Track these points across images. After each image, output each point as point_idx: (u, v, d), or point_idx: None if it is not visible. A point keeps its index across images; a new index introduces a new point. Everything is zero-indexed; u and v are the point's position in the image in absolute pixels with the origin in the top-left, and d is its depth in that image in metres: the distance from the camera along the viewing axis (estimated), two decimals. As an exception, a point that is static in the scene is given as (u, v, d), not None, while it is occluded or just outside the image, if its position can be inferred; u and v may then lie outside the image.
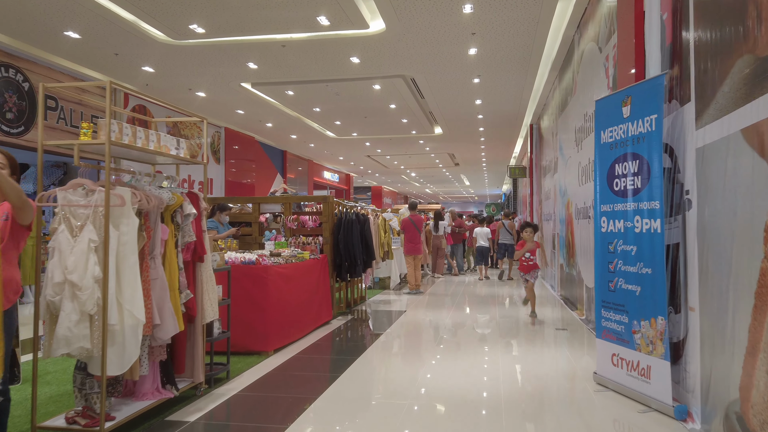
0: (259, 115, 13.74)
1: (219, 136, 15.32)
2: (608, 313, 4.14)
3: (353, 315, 7.75)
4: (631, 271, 3.90)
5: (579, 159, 7.65)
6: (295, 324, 5.79)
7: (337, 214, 7.51)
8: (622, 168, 4.01)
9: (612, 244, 4.12)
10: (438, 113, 13.58)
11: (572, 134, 8.23)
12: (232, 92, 11.30)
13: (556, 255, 10.32)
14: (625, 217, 3.97)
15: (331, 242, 7.28)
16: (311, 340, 6.01)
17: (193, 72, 9.94)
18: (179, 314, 3.62)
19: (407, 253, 10.20)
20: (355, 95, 11.60)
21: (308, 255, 6.58)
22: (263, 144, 17.85)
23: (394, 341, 6.18)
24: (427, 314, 7.93)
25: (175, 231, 3.72)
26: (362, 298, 9.12)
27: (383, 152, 20.49)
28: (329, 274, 7.16)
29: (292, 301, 5.76)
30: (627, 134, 3.97)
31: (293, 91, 11.23)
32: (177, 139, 3.86)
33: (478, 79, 10.35)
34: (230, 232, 7.05)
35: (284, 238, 7.26)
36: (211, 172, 14.91)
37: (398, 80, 10.42)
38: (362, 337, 6.46)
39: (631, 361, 3.87)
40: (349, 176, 28.40)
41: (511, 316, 7.79)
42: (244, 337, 5.20)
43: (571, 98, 8.49)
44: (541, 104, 12.33)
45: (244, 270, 5.28)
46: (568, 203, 8.75)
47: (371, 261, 7.89)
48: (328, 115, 13.87)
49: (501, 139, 17.50)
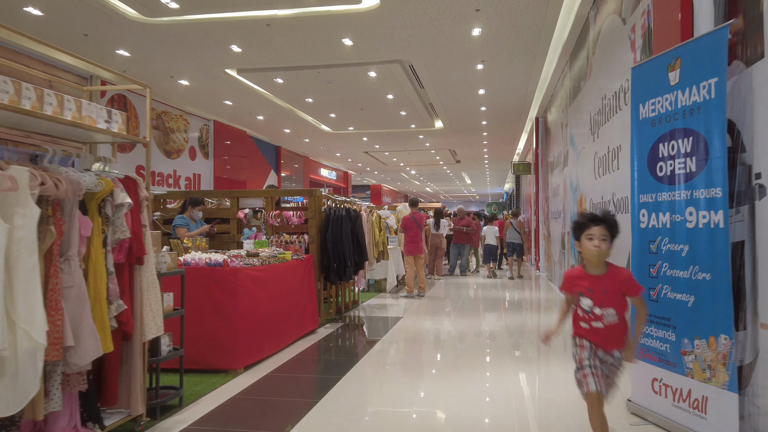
0: (249, 107, 12.94)
1: (207, 129, 14.53)
2: (648, 328, 3.34)
3: (344, 322, 6.96)
4: (680, 277, 3.10)
5: (595, 149, 6.85)
6: (271, 335, 4.99)
7: (325, 209, 6.71)
8: (669, 148, 3.21)
9: (654, 243, 3.31)
10: (438, 105, 12.77)
11: (587, 122, 7.44)
12: (217, 80, 10.50)
13: (566, 255, 9.52)
14: (673, 209, 3.17)
15: (317, 241, 6.48)
16: (292, 353, 5.21)
17: (172, 57, 9.15)
18: (106, 331, 2.82)
19: (408, 254, 9.40)
20: (349, 84, 10.80)
21: (290, 255, 5.79)
22: (256, 139, 17.06)
23: (387, 355, 5.38)
24: (426, 321, 7.13)
25: (103, 225, 2.92)
26: (355, 303, 8.32)
27: (381, 148, 19.69)
28: (315, 276, 6.36)
29: (269, 308, 4.96)
30: (675, 105, 3.17)
31: (282, 78, 10.43)
32: (109, 109, 3.07)
33: (481, 65, 9.55)
34: (203, 229, 6.26)
35: (265, 237, 6.46)
36: (199, 167, 14.12)
37: (395, 66, 9.62)
38: (351, 349, 5.66)
39: (680, 389, 3.07)
40: (348, 174, 27.60)
41: (521, 323, 6.99)
42: (209, 352, 4.40)
43: (584, 83, 7.68)
44: (548, 95, 11.52)
45: (209, 273, 4.49)
46: (581, 199, 7.95)
47: (363, 262, 7.09)
48: (321, 107, 13.06)
49: (504, 134, 16.70)
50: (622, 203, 5.49)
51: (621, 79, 5.54)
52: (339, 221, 6.57)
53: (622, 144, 5.50)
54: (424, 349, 5.72)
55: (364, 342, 5.97)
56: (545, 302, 8.93)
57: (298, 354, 5.21)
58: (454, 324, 6.84)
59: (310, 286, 6.11)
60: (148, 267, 3.17)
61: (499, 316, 7.45)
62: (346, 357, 5.24)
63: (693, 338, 2.99)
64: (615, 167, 5.81)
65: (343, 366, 4.75)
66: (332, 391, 4.04)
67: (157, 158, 12.38)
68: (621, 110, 5.54)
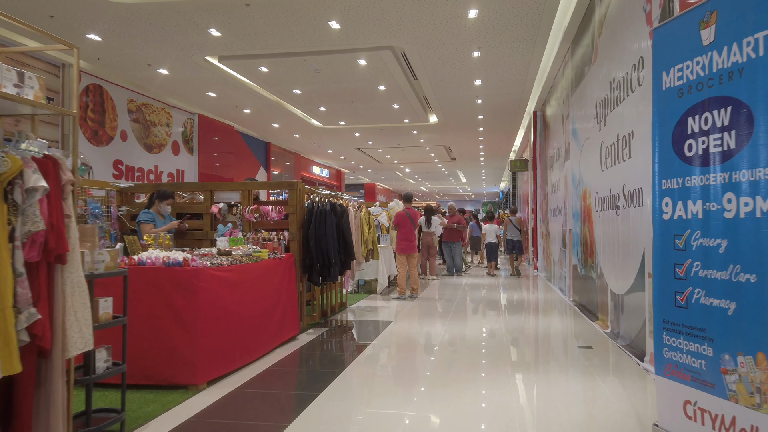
0: (234, 99, 12.37)
1: (192, 123, 13.95)
2: (675, 340, 2.80)
3: (329, 327, 6.40)
4: (717, 278, 2.56)
5: (602, 138, 6.32)
6: (242, 344, 4.43)
7: (308, 204, 6.16)
8: (701, 122, 2.67)
9: (682, 238, 2.77)
10: (433, 97, 12.23)
11: (591, 111, 6.91)
12: (197, 68, 9.93)
13: (567, 254, 9.00)
14: (706, 196, 2.63)
15: (299, 238, 5.92)
16: (266, 363, 4.66)
17: (148, 42, 8.57)
18: (11, 347, 2.27)
19: (401, 252, 8.85)
20: (338, 73, 10.24)
21: (267, 254, 5.23)
22: (244, 134, 16.48)
23: (374, 365, 4.83)
24: (419, 326, 6.58)
25: (9, 215, 2.36)
26: (342, 305, 7.77)
27: (374, 144, 19.14)
28: (296, 277, 5.81)
29: (239, 313, 4.41)
30: (709, 69, 2.63)
31: (267, 67, 9.86)
32: (19, 71, 2.50)
33: (478, 52, 9.01)
34: (171, 225, 5.69)
35: (241, 233, 5.90)
36: (182, 163, 13.53)
37: (386, 53, 9.07)
38: (333, 359, 5.11)
39: (720, 415, 2.53)
40: (340, 172, 27.04)
41: (520, 328, 6.45)
42: (165, 365, 3.85)
43: (589, 68, 7.16)
44: (547, 86, 10.99)
45: (167, 274, 3.93)
46: (585, 193, 7.42)
47: (350, 261, 6.54)
48: (310, 99, 12.50)
49: (501, 129, 16.17)
50: (635, 196, 4.96)
51: (633, 57, 5.01)
52: (322, 217, 6.02)
53: (635, 130, 4.96)
54: (415, 358, 5.17)
55: (349, 350, 5.42)
56: (544, 304, 8.40)
57: (274, 365, 4.65)
58: (449, 329, 6.29)
59: (290, 288, 5.55)
60: (72, 267, 2.61)
61: (496, 321, 6.91)
62: (327, 368, 4.68)
63: (735, 354, 2.45)
64: (626, 156, 5.28)
65: (323, 379, 4.20)
66: (308, 410, 3.49)
67: (137, 153, 11.80)
68: (634, 92, 5.01)
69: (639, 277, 4.90)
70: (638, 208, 4.87)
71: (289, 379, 4.37)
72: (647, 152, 4.58)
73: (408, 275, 9.07)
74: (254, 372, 4.37)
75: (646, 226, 4.63)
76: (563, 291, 9.29)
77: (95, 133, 10.58)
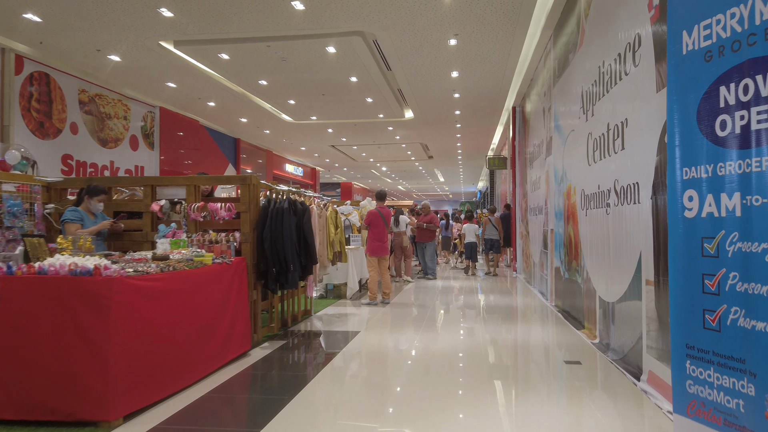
0: (196, 90, 11.55)
1: (152, 116, 13.07)
2: (704, 371, 2.20)
3: (288, 339, 5.71)
4: (763, 294, 1.96)
5: (589, 129, 5.76)
6: (172, 368, 3.72)
7: (263, 202, 5.45)
8: (739, 91, 2.07)
9: (712, 242, 2.17)
10: (408, 90, 11.61)
11: (577, 100, 6.35)
12: (152, 55, 9.12)
13: (549, 256, 8.46)
14: (748, 187, 2.03)
15: (252, 240, 5.22)
16: (205, 388, 3.95)
17: (93, 24, 7.75)
18: None
19: (372, 254, 8.18)
20: (306, 62, 9.53)
21: (211, 259, 4.52)
22: (211, 130, 15.63)
23: (332, 387, 4.17)
24: (389, 337, 5.93)
25: None
26: (306, 313, 7.08)
27: (349, 141, 18.45)
28: (249, 284, 5.10)
29: (169, 331, 3.69)
30: (750, 22, 2.03)
31: (228, 53, 9.10)
32: None
33: (454, 39, 8.41)
34: (102, 225, 4.94)
35: (186, 234, 5.17)
36: (142, 159, 12.66)
37: (356, 40, 8.40)
38: (286, 380, 4.41)
39: (766, 473, 1.93)
40: (315, 170, 26.27)
41: (502, 339, 5.85)
42: (70, 397, 3.11)
43: (574, 55, 6.60)
44: (528, 78, 10.46)
45: (72, 285, 3.19)
46: (569, 190, 6.87)
47: (312, 265, 5.84)
48: (278, 91, 11.75)
49: (479, 126, 15.64)
50: (629, 192, 4.39)
51: (628, 35, 4.44)
52: (279, 216, 5.32)
53: (630, 117, 4.39)
54: (382, 377, 4.51)
55: (307, 367, 4.74)
56: (525, 310, 7.84)
57: (214, 389, 3.94)
58: (423, 340, 5.66)
59: (239, 297, 4.84)
60: None
61: (473, 330, 6.30)
62: (276, 393, 4.00)
63: (790, 394, 1.86)
64: (618, 148, 4.71)
65: (268, 408, 3.51)
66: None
67: (90, 147, 10.91)
68: (628, 75, 4.43)
69: (634, 284, 4.33)
70: (633, 206, 4.30)
71: (228, 408, 3.67)
72: (645, 142, 4.01)
73: (380, 279, 8.42)
74: (187, 400, 3.66)
75: (644, 227, 4.06)
76: (544, 295, 8.75)
77: (41, 125, 9.68)
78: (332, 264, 7.05)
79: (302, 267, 5.72)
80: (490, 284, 10.86)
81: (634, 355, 4.33)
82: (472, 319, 6.92)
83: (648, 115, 3.95)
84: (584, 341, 5.55)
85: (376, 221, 8.27)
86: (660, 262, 3.75)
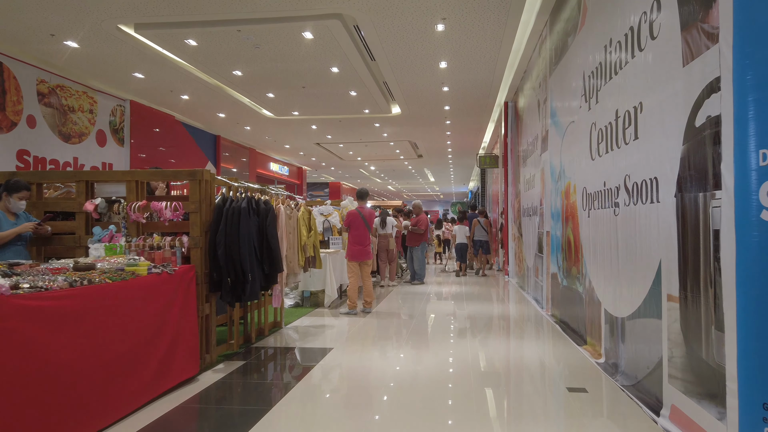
0: (167, 82, 10.76)
1: (122, 110, 12.25)
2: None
3: (249, 358, 4.97)
4: None
5: (592, 118, 5.07)
6: (79, 409, 2.96)
7: (218, 201, 4.71)
8: None
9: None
10: (394, 83, 10.89)
11: (578, 87, 5.67)
12: (112, 41, 8.33)
13: (544, 261, 7.77)
14: None
15: (203, 245, 4.47)
16: (128, 428, 3.20)
17: (42, 4, 6.96)
18: None
19: (352, 259, 7.46)
20: (281, 49, 8.78)
21: (146, 268, 3.77)
22: (188, 126, 14.83)
23: (293, 425, 3.43)
24: (366, 354, 5.21)
25: None
26: (276, 325, 6.34)
27: (334, 139, 17.70)
28: (198, 297, 4.36)
29: (76, 363, 2.94)
30: None
31: (195, 39, 8.32)
32: None
33: (442, 24, 7.70)
34: (23, 227, 4.17)
35: (125, 238, 4.42)
36: (110, 155, 11.84)
37: (335, 24, 7.66)
38: (234, 415, 3.67)
39: None
40: (302, 170, 25.47)
41: (494, 357, 5.14)
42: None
43: (574, 37, 5.92)
44: (521, 70, 9.79)
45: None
46: (568, 189, 6.19)
47: (276, 273, 5.10)
48: (255, 83, 10.98)
49: (470, 122, 14.95)
50: (645, 189, 3.69)
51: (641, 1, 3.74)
52: (236, 217, 4.58)
53: (646, 100, 3.70)
54: (353, 409, 3.79)
55: (262, 397, 4.00)
56: (519, 320, 7.15)
57: (140, 430, 3.20)
58: (403, 360, 4.94)
59: (184, 313, 4.10)
60: None
61: (462, 346, 5.58)
62: (221, 430, 3.26)
63: None
64: (629, 138, 4.02)
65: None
66: None
67: (49, 142, 10.08)
68: (643, 49, 3.74)
69: (651, 299, 3.64)
70: (651, 206, 3.61)
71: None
72: (666, 128, 3.32)
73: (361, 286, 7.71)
74: (102, 448, 2.92)
75: (664, 230, 3.37)
76: (539, 302, 8.06)
77: (-8, 117, 8.87)
78: (304, 271, 6.31)
79: (265, 276, 4.98)
80: (481, 290, 10.17)
81: (651, 384, 3.64)
82: (461, 332, 6.20)
83: (672, 94, 3.25)
84: (587, 360, 4.86)
85: (356, 223, 7.54)
86: (688, 274, 3.06)
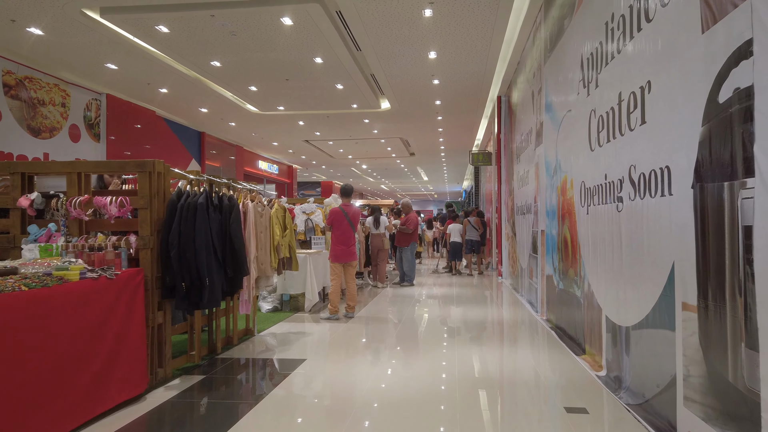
0: (142, 73, 10.22)
1: (98, 104, 11.69)
2: None
3: (210, 372, 4.45)
4: None
5: (591, 105, 4.59)
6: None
7: (173, 195, 4.19)
8: None
9: None
10: (382, 76, 10.39)
11: (575, 72, 5.18)
12: (78, 28, 7.79)
13: (539, 261, 7.29)
14: None
15: (155, 245, 3.96)
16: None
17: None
18: None
19: (335, 260, 6.96)
20: (260, 38, 8.26)
21: (78, 273, 3.25)
22: (170, 121, 14.28)
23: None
24: (342, 366, 4.70)
25: None
26: (248, 332, 5.82)
27: (323, 136, 17.18)
28: (148, 304, 3.85)
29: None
30: None
31: (167, 26, 7.79)
32: None
33: (430, 10, 7.20)
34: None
35: (64, 238, 3.90)
36: (85, 152, 11.27)
37: (315, 8, 7.15)
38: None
39: None
40: (292, 168, 24.93)
41: (486, 369, 4.65)
42: None
43: (570, 20, 5.44)
44: (514, 61, 9.31)
45: None
46: (564, 184, 5.71)
47: (242, 277, 4.59)
48: (235, 75, 10.45)
49: (462, 118, 14.47)
50: (654, 181, 3.21)
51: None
52: (191, 214, 4.06)
53: (655, 78, 3.21)
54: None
55: (218, 419, 3.48)
56: (512, 325, 6.66)
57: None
58: (384, 372, 4.44)
59: (128, 323, 3.58)
60: None
61: (450, 357, 5.08)
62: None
63: None
64: (634, 123, 3.53)
65: None
66: None
67: (16, 137, 9.52)
68: (651, 20, 3.25)
69: (662, 306, 3.15)
70: (661, 199, 3.13)
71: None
72: (681, 109, 2.84)
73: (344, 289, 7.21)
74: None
75: (679, 228, 2.89)
76: (534, 306, 7.58)
77: (-49, 110, 8.31)
78: (278, 273, 5.80)
79: (229, 280, 4.46)
80: (472, 292, 9.68)
81: (663, 405, 3.15)
82: (449, 341, 5.71)
83: (687, 68, 2.77)
84: (587, 373, 4.37)
85: (339, 221, 7.03)
86: (708, 280, 2.58)
